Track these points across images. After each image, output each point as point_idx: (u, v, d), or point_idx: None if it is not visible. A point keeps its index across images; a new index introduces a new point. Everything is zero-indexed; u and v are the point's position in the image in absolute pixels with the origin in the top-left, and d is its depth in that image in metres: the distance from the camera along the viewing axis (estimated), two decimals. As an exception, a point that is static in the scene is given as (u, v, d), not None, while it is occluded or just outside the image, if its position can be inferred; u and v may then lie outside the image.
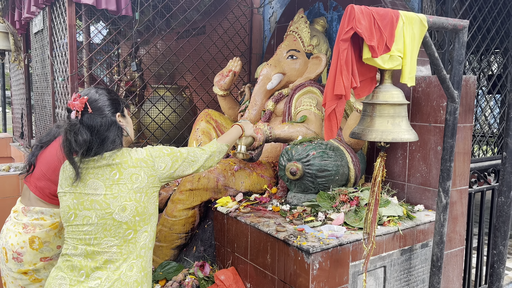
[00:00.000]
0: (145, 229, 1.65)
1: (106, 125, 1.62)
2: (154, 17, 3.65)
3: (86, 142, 1.57)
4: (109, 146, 1.62)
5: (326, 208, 2.36)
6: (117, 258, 1.60)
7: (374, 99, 1.82)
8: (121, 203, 1.59)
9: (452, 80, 2.06)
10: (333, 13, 3.42)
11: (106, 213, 1.58)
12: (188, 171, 1.83)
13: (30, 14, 4.09)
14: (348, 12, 1.66)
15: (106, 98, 1.67)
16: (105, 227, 1.59)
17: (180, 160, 1.78)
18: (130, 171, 1.62)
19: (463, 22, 1.99)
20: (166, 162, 1.72)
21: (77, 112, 1.59)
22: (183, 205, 2.61)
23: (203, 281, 2.44)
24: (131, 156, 1.65)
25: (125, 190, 1.59)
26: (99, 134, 1.60)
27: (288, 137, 2.70)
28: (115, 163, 1.61)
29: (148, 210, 1.65)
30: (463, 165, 2.59)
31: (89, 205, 1.59)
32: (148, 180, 1.65)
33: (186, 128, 3.91)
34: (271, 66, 3.14)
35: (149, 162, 1.67)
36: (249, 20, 4.29)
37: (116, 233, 1.59)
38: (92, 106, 1.61)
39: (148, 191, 1.65)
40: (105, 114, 1.64)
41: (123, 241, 1.61)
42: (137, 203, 1.61)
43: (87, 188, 1.60)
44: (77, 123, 1.58)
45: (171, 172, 1.74)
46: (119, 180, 1.60)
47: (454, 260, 2.65)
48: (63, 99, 3.50)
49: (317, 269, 1.99)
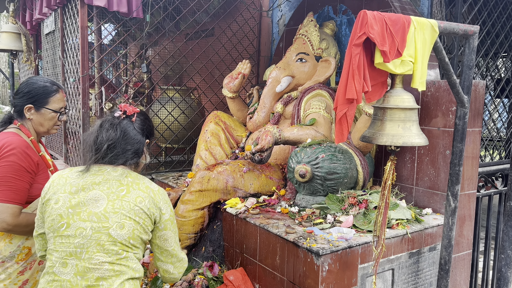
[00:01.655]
0: (137, 255, 1.60)
1: (136, 140, 1.65)
2: (164, 19, 3.69)
3: (112, 140, 1.59)
4: (126, 157, 1.62)
5: (335, 211, 2.38)
6: (110, 274, 1.52)
7: (385, 103, 1.84)
8: (120, 219, 1.53)
9: (462, 85, 2.07)
10: (342, 17, 3.44)
11: (103, 227, 1.52)
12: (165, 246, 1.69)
13: (41, 15, 4.14)
14: (361, 18, 1.69)
15: (149, 124, 1.75)
16: (98, 242, 1.52)
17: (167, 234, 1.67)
18: (137, 193, 1.58)
19: (473, 28, 2.00)
20: (165, 224, 1.64)
21: (124, 114, 1.66)
22: (193, 205, 2.64)
23: (212, 281, 2.47)
24: (144, 182, 1.63)
25: (127, 208, 1.55)
26: (126, 141, 1.62)
27: (297, 139, 2.72)
28: (127, 181, 1.59)
29: (140, 240, 1.59)
30: (471, 169, 2.60)
31: (86, 217, 1.53)
32: (148, 211, 1.58)
33: (195, 129, 3.94)
34: (280, 69, 3.16)
35: (155, 202, 1.61)
36: (258, 22, 4.32)
37: (109, 250, 1.52)
38: (137, 119, 1.68)
39: (145, 223, 1.58)
40: (141, 132, 1.68)
41: (115, 259, 1.53)
42: (135, 224, 1.55)
43: (87, 198, 1.55)
44: (117, 121, 1.64)
45: (153, 233, 1.65)
46: (124, 197, 1.56)
47: (461, 263, 2.67)
48: (74, 100, 3.54)
49: (326, 271, 2.01)
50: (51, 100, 1.95)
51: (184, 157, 4.07)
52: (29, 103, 1.91)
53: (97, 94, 3.53)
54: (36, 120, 1.94)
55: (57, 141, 4.26)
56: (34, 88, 1.92)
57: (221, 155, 3.27)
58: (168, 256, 1.69)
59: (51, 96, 1.94)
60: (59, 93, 1.98)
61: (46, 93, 1.94)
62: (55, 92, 1.96)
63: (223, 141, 3.33)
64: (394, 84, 1.87)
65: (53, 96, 1.95)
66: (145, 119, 1.73)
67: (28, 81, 1.96)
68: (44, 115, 1.95)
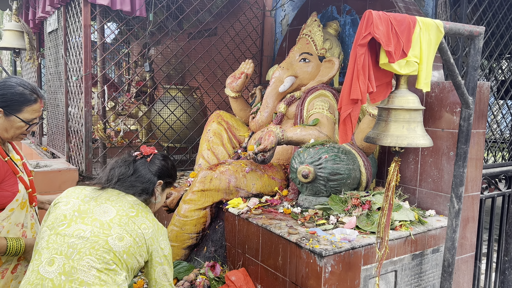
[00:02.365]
0: (127, 276, 1.59)
1: (146, 179, 1.73)
2: (167, 18, 3.68)
3: (123, 175, 1.71)
4: (134, 191, 1.70)
5: (338, 212, 2.37)
6: (94, 281, 1.50)
7: (390, 104, 1.83)
8: (121, 232, 1.57)
9: (467, 86, 2.06)
10: (346, 17, 3.43)
11: (103, 233, 1.54)
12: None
13: (44, 14, 4.14)
14: (366, 18, 1.68)
15: (166, 166, 1.81)
16: (93, 245, 1.52)
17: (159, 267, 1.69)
18: (144, 221, 1.64)
19: (479, 29, 1.99)
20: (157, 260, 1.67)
21: (141, 153, 1.78)
22: (195, 205, 2.63)
23: (214, 281, 2.46)
24: (152, 216, 1.71)
25: (131, 227, 1.59)
26: (136, 179, 1.72)
27: (300, 140, 2.71)
28: (138, 208, 1.67)
29: (134, 261, 1.59)
30: (475, 171, 2.59)
31: (89, 222, 1.57)
32: (148, 241, 1.62)
33: (197, 129, 3.93)
34: (283, 69, 3.15)
35: (156, 236, 1.66)
36: (261, 22, 4.31)
37: (101, 256, 1.52)
38: (151, 160, 1.77)
39: (142, 248, 1.61)
40: (153, 172, 1.76)
41: (104, 268, 1.52)
42: (134, 243, 1.58)
43: (97, 208, 1.61)
44: (132, 160, 1.77)
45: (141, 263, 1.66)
46: (132, 218, 1.62)
47: (464, 266, 2.65)
48: (76, 98, 3.54)
49: (329, 272, 2.00)
50: (25, 110, 1.75)
51: (186, 156, 4.06)
52: (0, 106, 1.72)
53: (99, 93, 3.52)
54: (2, 125, 1.75)
55: (59, 139, 4.25)
56: (11, 92, 1.73)
57: (224, 155, 3.26)
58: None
59: (27, 106, 1.75)
60: (37, 104, 1.79)
61: (22, 102, 1.74)
62: (33, 102, 1.77)
63: (225, 141, 3.32)
64: (399, 84, 1.86)
65: (29, 105, 1.75)
66: (163, 161, 1.81)
67: (6, 83, 1.75)
68: (13, 123, 1.75)
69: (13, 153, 1.88)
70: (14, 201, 1.78)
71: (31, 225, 1.90)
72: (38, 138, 5.52)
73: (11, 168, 1.79)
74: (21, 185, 1.81)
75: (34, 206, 1.92)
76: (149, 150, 1.80)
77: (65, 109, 3.84)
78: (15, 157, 1.88)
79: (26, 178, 1.87)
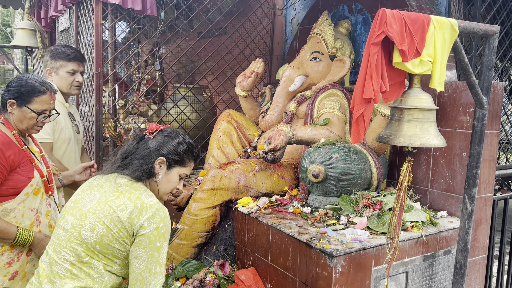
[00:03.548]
0: (106, 266, 1.53)
1: (142, 154, 1.64)
2: (178, 17, 3.69)
3: (126, 152, 1.67)
4: (128, 171, 1.62)
5: (349, 212, 2.35)
6: (65, 274, 1.50)
7: (403, 104, 1.81)
8: (94, 221, 1.51)
9: (481, 86, 2.03)
10: (357, 16, 3.41)
11: (78, 225, 1.53)
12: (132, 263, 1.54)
13: (56, 13, 4.17)
14: (380, 16, 1.66)
15: (171, 142, 1.68)
16: (69, 237, 1.53)
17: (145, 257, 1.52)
18: (123, 201, 1.53)
19: (494, 28, 1.96)
20: (138, 249, 1.51)
21: (149, 132, 1.72)
22: (205, 204, 2.63)
23: (223, 280, 2.46)
24: (139, 194, 1.56)
25: (105, 212, 1.51)
26: (135, 156, 1.65)
27: (310, 139, 2.70)
28: (124, 189, 1.57)
29: (113, 249, 1.51)
30: (488, 172, 2.56)
31: (76, 212, 1.57)
32: (126, 222, 1.49)
33: (207, 127, 3.94)
34: (294, 68, 3.14)
35: (139, 214, 1.51)
36: (271, 21, 4.30)
37: (74, 249, 1.51)
38: (156, 136, 1.68)
39: (119, 233, 1.50)
40: (154, 147, 1.65)
41: (77, 260, 1.50)
42: (107, 231, 1.49)
43: (86, 197, 1.60)
44: (139, 137, 1.71)
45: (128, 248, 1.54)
46: (110, 202, 1.53)
47: (476, 268, 2.62)
48: (87, 96, 3.56)
49: (340, 273, 1.99)
50: (34, 100, 1.91)
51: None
52: (13, 98, 1.90)
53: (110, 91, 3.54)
54: (17, 117, 1.92)
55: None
56: (21, 84, 1.91)
57: (233, 154, 3.26)
58: (133, 279, 1.51)
59: (35, 96, 1.91)
60: (46, 95, 1.94)
61: (32, 92, 1.90)
62: (42, 93, 1.92)
63: (235, 140, 3.31)
64: (412, 84, 1.84)
65: (38, 96, 1.91)
66: (166, 137, 1.68)
67: (20, 77, 1.94)
68: (25, 113, 1.91)
69: (32, 145, 2.04)
70: (29, 186, 1.92)
71: (46, 212, 2.02)
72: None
73: (28, 156, 1.94)
74: (37, 173, 1.95)
75: (50, 195, 2.05)
76: (154, 127, 1.71)
77: (76, 107, 3.87)
78: (34, 149, 2.04)
79: (42, 168, 2.01)
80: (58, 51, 2.68)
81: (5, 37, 18.94)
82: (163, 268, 1.55)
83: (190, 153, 1.73)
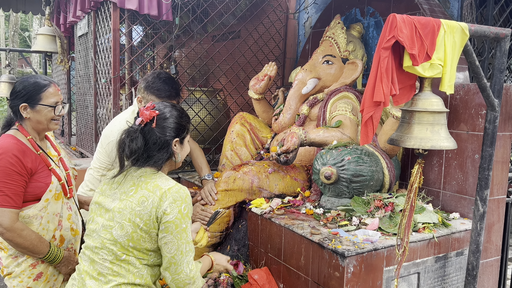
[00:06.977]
0: (142, 261, 1.58)
1: (159, 145, 1.63)
2: (192, 21, 3.76)
3: (137, 151, 1.61)
4: (150, 163, 1.64)
5: (361, 213, 2.38)
6: (108, 272, 1.57)
7: (414, 106, 1.84)
8: (121, 220, 1.56)
9: (492, 88, 2.05)
10: (369, 19, 3.43)
11: (109, 226, 1.58)
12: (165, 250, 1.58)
13: (75, 18, 4.29)
14: (390, 21, 1.70)
15: (174, 120, 1.67)
16: (103, 239, 1.58)
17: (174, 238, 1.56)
18: (142, 193, 1.56)
19: (505, 31, 1.98)
20: (168, 226, 1.55)
21: (142, 121, 1.64)
22: (219, 205, 2.69)
23: (237, 279, 2.51)
24: (155, 181, 1.59)
25: (129, 208, 1.56)
26: (148, 149, 1.63)
27: (323, 141, 2.74)
28: (140, 181, 1.59)
29: (144, 244, 1.57)
30: (501, 174, 2.56)
31: (103, 213, 1.62)
32: (150, 211, 1.54)
33: (220, 130, 4.00)
34: (306, 71, 3.18)
35: (160, 201, 1.55)
36: (284, 25, 4.34)
37: (110, 249, 1.57)
38: (157, 122, 1.64)
39: (147, 225, 1.54)
40: (165, 134, 1.64)
41: (115, 259, 1.57)
42: (134, 227, 1.54)
43: (108, 196, 1.64)
44: (138, 130, 1.64)
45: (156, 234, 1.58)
46: (130, 197, 1.57)
47: (489, 270, 2.62)
48: (105, 100, 3.66)
49: (351, 273, 2.02)
50: (43, 96, 1.90)
51: (210, 157, 4.13)
52: (23, 101, 1.88)
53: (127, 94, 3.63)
54: (34, 118, 1.91)
55: (87, 139, 4.40)
56: (25, 86, 1.89)
57: (246, 155, 3.31)
58: (167, 262, 1.58)
59: (42, 92, 1.90)
60: (51, 87, 1.93)
61: (37, 89, 1.89)
62: (47, 86, 1.91)
63: (248, 142, 3.37)
64: (423, 87, 1.87)
65: (44, 91, 1.90)
66: (169, 119, 1.66)
67: (20, 81, 1.93)
68: (40, 112, 1.90)
69: (50, 150, 2.03)
70: (48, 191, 1.91)
71: (68, 216, 2.03)
72: (67, 138, 5.71)
73: (44, 160, 1.93)
74: (54, 177, 1.95)
75: (69, 198, 2.05)
76: (149, 114, 1.64)
77: (94, 111, 3.97)
78: (52, 153, 2.03)
79: (60, 172, 2.00)
80: (153, 87, 2.54)
81: (23, 41, 19.35)
82: (191, 244, 1.61)
83: (186, 116, 1.75)
